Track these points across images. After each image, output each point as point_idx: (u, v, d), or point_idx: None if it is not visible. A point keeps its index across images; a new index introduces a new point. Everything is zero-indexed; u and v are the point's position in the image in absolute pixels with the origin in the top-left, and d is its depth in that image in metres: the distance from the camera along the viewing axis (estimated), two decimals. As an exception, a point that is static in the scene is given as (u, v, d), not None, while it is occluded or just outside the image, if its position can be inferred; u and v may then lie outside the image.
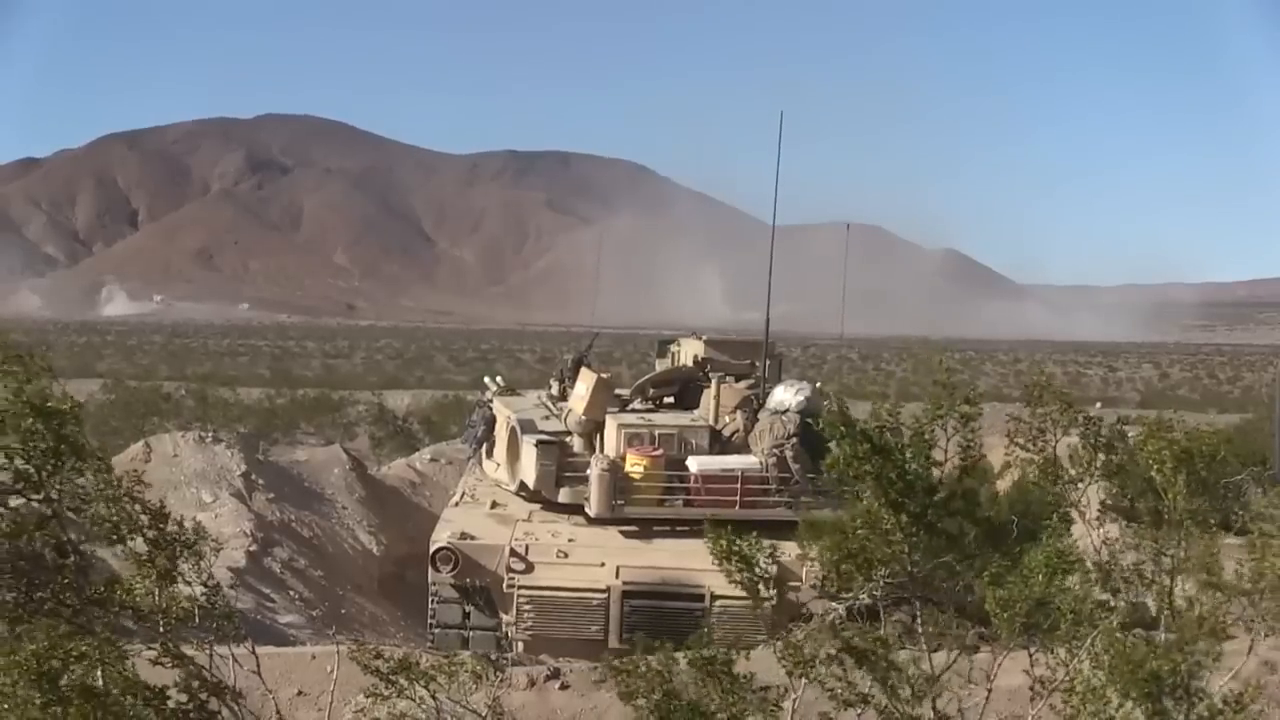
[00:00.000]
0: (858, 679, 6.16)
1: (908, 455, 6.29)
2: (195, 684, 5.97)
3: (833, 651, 6.14)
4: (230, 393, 39.52)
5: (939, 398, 6.39)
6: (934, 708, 6.13)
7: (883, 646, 6.19)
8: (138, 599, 6.03)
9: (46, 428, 5.89)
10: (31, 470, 5.97)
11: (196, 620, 6.17)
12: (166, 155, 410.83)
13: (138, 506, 6.07)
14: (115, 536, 6.06)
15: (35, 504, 6.06)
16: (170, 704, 5.78)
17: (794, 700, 6.07)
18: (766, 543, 6.41)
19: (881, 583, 6.52)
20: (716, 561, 6.40)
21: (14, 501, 6.11)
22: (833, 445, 6.42)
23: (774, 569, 6.81)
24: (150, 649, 6.06)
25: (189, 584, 6.22)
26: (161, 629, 6.02)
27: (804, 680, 6.04)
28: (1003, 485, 15.60)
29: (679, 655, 5.95)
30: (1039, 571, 6.13)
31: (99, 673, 5.64)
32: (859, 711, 6.15)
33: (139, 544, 6.11)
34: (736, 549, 6.24)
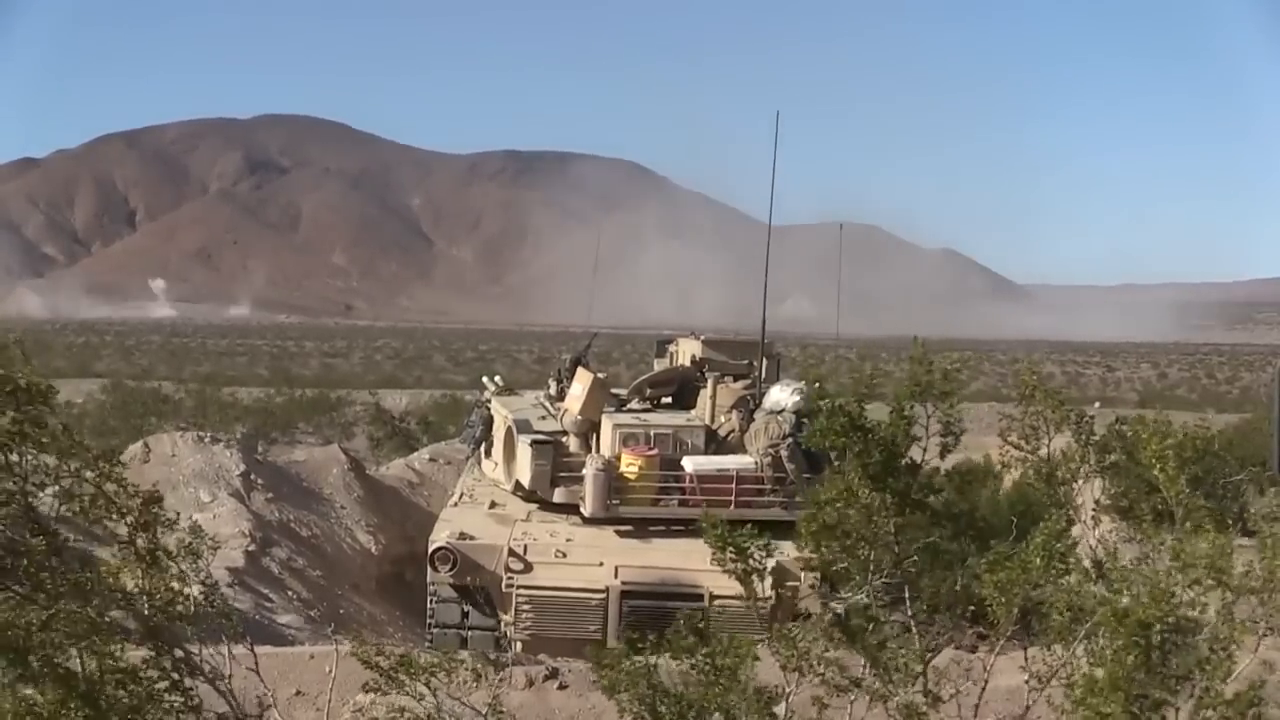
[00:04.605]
0: (849, 662, 6.17)
1: (888, 433, 6.29)
2: (169, 664, 5.90)
3: (825, 640, 6.14)
4: (230, 394, 39.54)
5: (916, 374, 6.38)
6: (925, 691, 6.14)
7: (873, 622, 6.19)
8: (123, 583, 5.96)
9: (11, 402, 5.78)
10: None
11: (192, 611, 6.13)
12: (164, 155, 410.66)
13: (122, 489, 5.98)
14: (79, 510, 5.96)
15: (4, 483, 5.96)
16: (144, 685, 5.72)
17: (788, 697, 6.07)
18: (761, 541, 6.41)
19: (872, 574, 6.51)
20: (712, 555, 6.41)
21: None
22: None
23: (770, 563, 6.80)
24: (136, 639, 6.01)
25: (176, 566, 6.14)
26: (146, 611, 5.95)
27: (798, 675, 6.04)
28: (1002, 486, 15.62)
29: (666, 651, 5.93)
30: (1036, 554, 6.13)
31: (75, 655, 5.59)
32: (852, 697, 6.15)
33: (120, 527, 6.04)
34: (731, 540, 6.25)
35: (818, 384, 6.72)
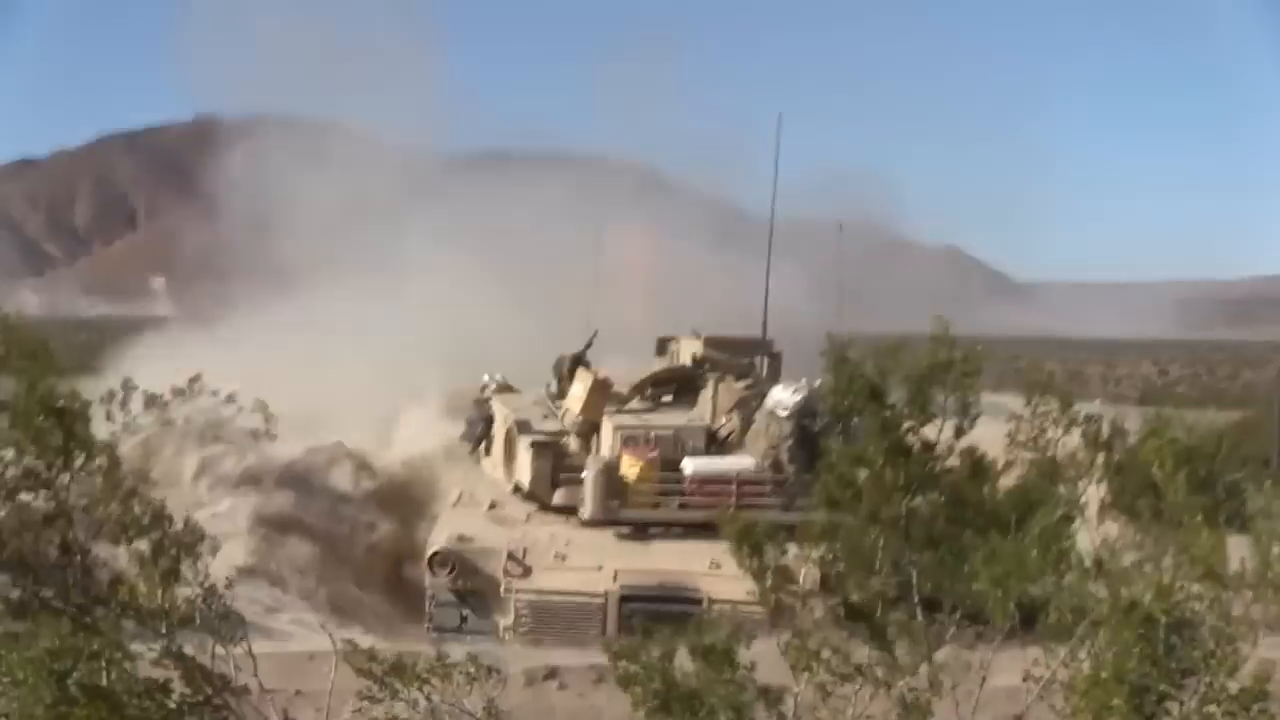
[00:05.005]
0: (853, 650, 6.15)
1: (905, 410, 6.28)
2: (199, 676, 5.96)
3: (832, 627, 6.13)
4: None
5: (937, 351, 6.36)
6: (931, 682, 6.12)
7: (882, 600, 6.18)
8: (140, 600, 6.03)
9: (59, 425, 5.91)
10: (41, 467, 5.97)
11: (198, 621, 6.16)
12: (164, 155, 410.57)
13: (139, 506, 6.06)
14: (126, 536, 6.06)
15: (43, 501, 6.08)
16: (174, 698, 5.78)
17: (796, 696, 6.05)
18: (778, 540, 6.41)
19: (878, 571, 6.49)
20: (730, 550, 6.40)
21: (22, 498, 6.13)
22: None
23: (784, 559, 6.79)
24: (151, 649, 6.05)
25: (190, 585, 6.20)
26: (164, 630, 6.01)
27: (806, 674, 6.02)
28: (1004, 484, 15.54)
29: (679, 645, 5.92)
30: (1033, 547, 6.12)
31: (106, 672, 5.64)
32: (856, 685, 6.13)
33: (143, 545, 6.11)
34: (748, 536, 6.23)
35: (841, 347, 6.66)
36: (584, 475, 11.73)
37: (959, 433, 6.63)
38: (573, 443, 12.63)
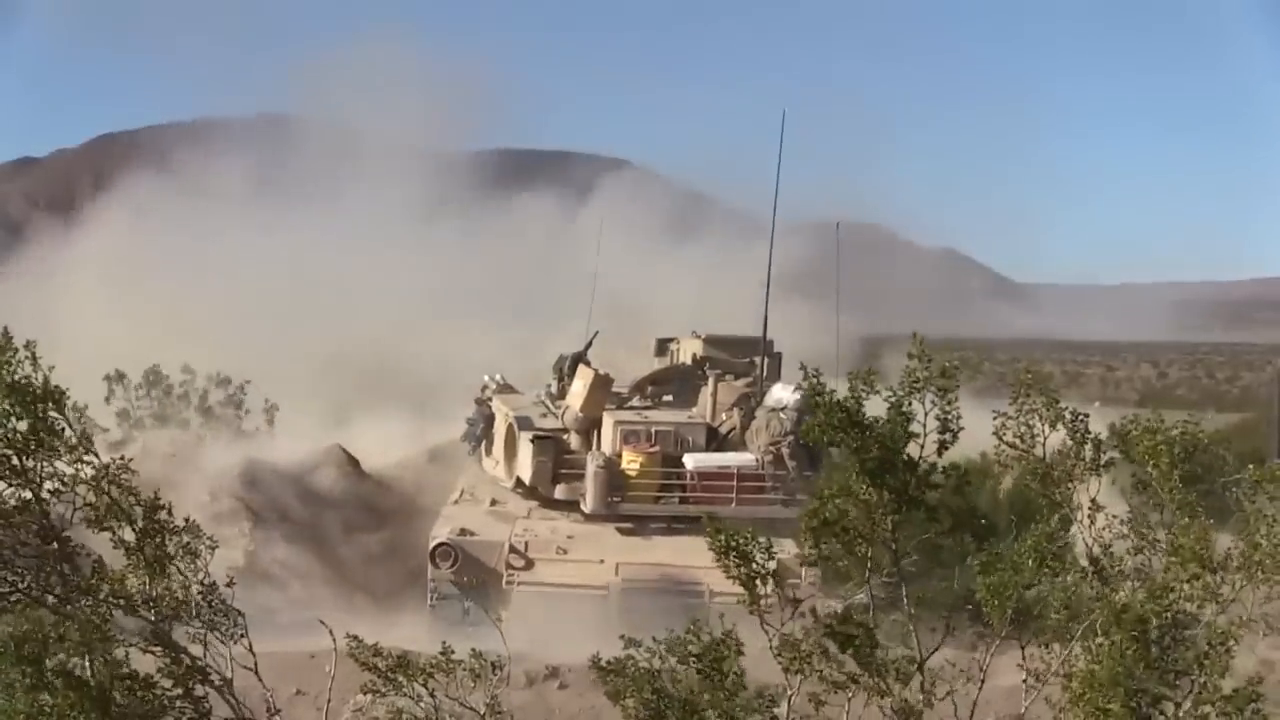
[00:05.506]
0: (847, 661, 6.15)
1: (884, 430, 6.26)
2: (180, 670, 5.90)
3: (822, 645, 6.12)
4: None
5: (914, 370, 6.35)
6: (923, 688, 6.13)
7: (866, 632, 6.18)
8: (130, 589, 5.95)
9: (23, 409, 5.75)
10: (11, 454, 5.83)
11: (194, 613, 6.12)
12: (164, 155, 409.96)
13: (129, 496, 5.96)
14: (93, 519, 5.94)
15: (14, 488, 5.94)
16: (156, 691, 5.73)
17: (790, 699, 6.05)
18: (762, 539, 6.39)
19: (870, 573, 6.49)
20: (715, 558, 6.39)
21: None
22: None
23: (772, 565, 6.78)
24: (144, 644, 6.01)
25: (184, 576, 6.15)
26: (153, 619, 5.96)
27: (800, 677, 6.02)
28: (1000, 486, 15.58)
29: (669, 651, 5.89)
30: (1028, 558, 6.13)
31: (85, 661, 5.59)
32: (850, 694, 6.14)
33: (126, 532, 6.02)
34: (734, 544, 6.22)
35: (816, 378, 6.67)
36: (585, 470, 11.79)
37: (942, 448, 6.61)
38: (573, 439, 12.69)
